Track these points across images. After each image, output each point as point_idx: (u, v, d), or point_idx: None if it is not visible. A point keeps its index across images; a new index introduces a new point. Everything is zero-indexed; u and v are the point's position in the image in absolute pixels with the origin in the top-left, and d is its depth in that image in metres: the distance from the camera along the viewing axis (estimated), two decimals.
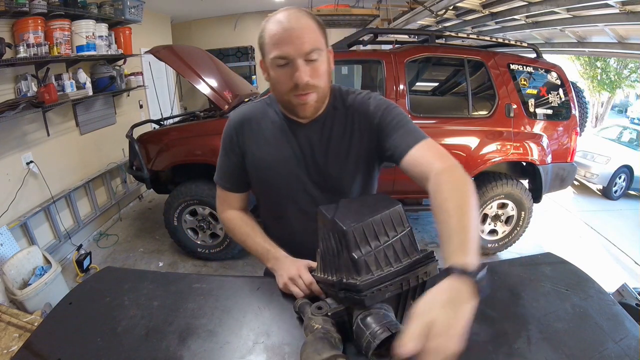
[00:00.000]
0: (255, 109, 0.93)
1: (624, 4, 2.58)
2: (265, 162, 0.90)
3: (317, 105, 0.84)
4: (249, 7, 6.42)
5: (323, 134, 0.88)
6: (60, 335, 0.72)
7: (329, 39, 0.84)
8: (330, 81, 0.85)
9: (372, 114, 0.86)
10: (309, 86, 0.78)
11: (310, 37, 0.76)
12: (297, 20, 0.76)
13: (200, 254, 3.07)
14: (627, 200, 5.26)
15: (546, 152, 2.92)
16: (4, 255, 2.36)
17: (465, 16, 4.26)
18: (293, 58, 0.75)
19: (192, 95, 6.71)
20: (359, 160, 0.89)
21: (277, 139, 0.89)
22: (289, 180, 0.90)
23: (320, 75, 0.79)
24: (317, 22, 0.79)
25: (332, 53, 0.85)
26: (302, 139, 0.88)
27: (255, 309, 0.78)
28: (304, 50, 0.75)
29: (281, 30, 0.75)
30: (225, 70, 3.57)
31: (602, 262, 3.35)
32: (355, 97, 0.90)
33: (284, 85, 0.79)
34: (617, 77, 9.77)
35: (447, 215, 0.61)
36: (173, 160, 2.90)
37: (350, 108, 0.89)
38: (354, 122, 0.88)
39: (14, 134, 2.66)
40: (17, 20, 2.55)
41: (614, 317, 0.72)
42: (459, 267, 0.52)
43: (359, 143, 0.88)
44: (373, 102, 0.88)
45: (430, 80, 3.52)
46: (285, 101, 0.83)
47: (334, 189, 0.90)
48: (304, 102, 0.80)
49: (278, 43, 0.75)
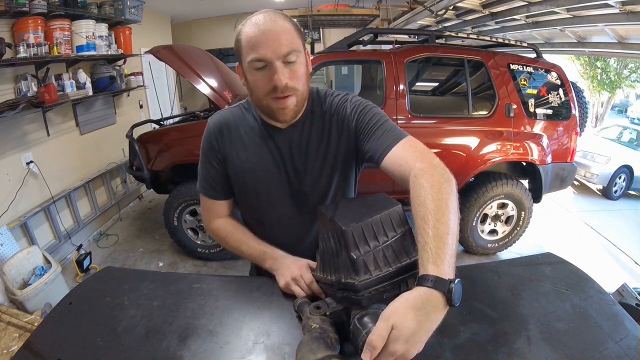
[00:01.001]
0: (233, 114, 0.92)
1: (624, 4, 2.58)
2: (245, 167, 0.89)
3: (297, 109, 0.82)
4: (249, 7, 6.40)
5: (302, 138, 0.87)
6: (60, 335, 0.72)
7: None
8: (309, 84, 0.84)
9: (349, 117, 0.85)
10: (288, 89, 0.76)
11: (288, 39, 0.75)
12: (274, 22, 0.75)
13: (200, 254, 3.07)
14: (627, 200, 5.26)
15: (546, 152, 2.92)
16: (4, 255, 2.36)
17: (465, 16, 4.26)
18: (271, 60, 0.74)
19: (192, 95, 6.71)
20: (336, 164, 0.88)
21: (255, 145, 0.88)
22: (269, 185, 0.89)
23: (299, 77, 0.78)
24: (294, 25, 0.78)
25: (309, 55, 0.84)
26: (281, 144, 0.87)
27: (255, 309, 0.78)
28: (281, 52, 0.74)
29: (258, 32, 0.74)
30: (225, 70, 3.57)
31: (602, 262, 3.36)
32: (333, 99, 0.89)
33: (262, 89, 0.78)
34: (617, 77, 9.76)
35: (423, 222, 0.59)
36: (173, 160, 2.90)
37: (327, 111, 0.88)
38: (332, 125, 0.87)
39: (14, 134, 2.66)
40: (17, 20, 2.55)
41: (614, 317, 0.72)
42: (432, 277, 0.52)
43: (336, 146, 0.88)
44: (349, 104, 0.87)
45: (430, 80, 3.52)
46: (264, 106, 0.81)
47: (313, 192, 0.90)
48: (284, 106, 0.79)
49: (255, 46, 0.74)
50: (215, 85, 3.01)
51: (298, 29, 0.78)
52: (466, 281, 0.83)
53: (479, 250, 3.15)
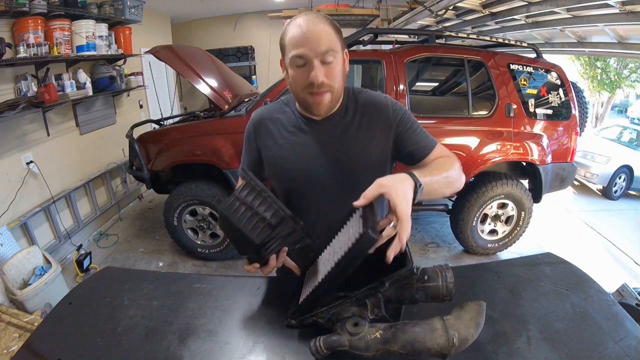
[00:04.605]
0: (274, 108, 1.01)
1: (624, 4, 2.58)
2: (280, 157, 0.96)
3: (331, 105, 0.89)
4: (249, 7, 6.42)
5: (336, 131, 0.93)
6: (60, 335, 0.72)
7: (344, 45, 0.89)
8: (345, 82, 0.90)
9: (391, 115, 0.93)
10: (324, 85, 0.83)
11: (327, 40, 0.81)
12: (315, 24, 0.81)
13: (200, 254, 3.07)
14: (627, 200, 5.26)
15: (546, 152, 2.92)
16: (4, 255, 2.36)
17: (465, 16, 4.26)
18: (310, 58, 0.81)
19: (192, 95, 6.71)
20: (371, 156, 0.93)
21: (292, 135, 0.95)
22: (303, 175, 0.94)
23: (335, 76, 0.85)
24: (334, 26, 0.85)
25: (348, 55, 0.90)
26: (317, 135, 0.94)
27: (255, 309, 0.78)
28: (320, 51, 0.80)
29: (300, 32, 0.81)
30: (225, 70, 3.56)
31: (602, 262, 3.35)
32: (369, 96, 0.97)
33: (300, 84, 0.85)
34: (617, 77, 9.76)
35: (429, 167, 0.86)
36: (173, 160, 2.90)
37: (363, 106, 0.95)
38: (370, 119, 0.94)
39: (14, 134, 2.66)
40: (17, 20, 2.55)
41: (614, 317, 0.72)
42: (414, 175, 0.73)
43: (372, 139, 0.93)
44: (390, 103, 0.95)
45: (430, 80, 3.52)
46: (302, 99, 0.89)
47: (347, 183, 0.93)
48: (319, 101, 0.86)
49: (296, 44, 0.81)
50: (215, 85, 3.00)
51: (337, 31, 0.85)
52: (466, 281, 0.84)
53: (479, 250, 3.15)
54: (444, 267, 0.67)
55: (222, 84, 3.11)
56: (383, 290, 0.65)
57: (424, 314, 0.65)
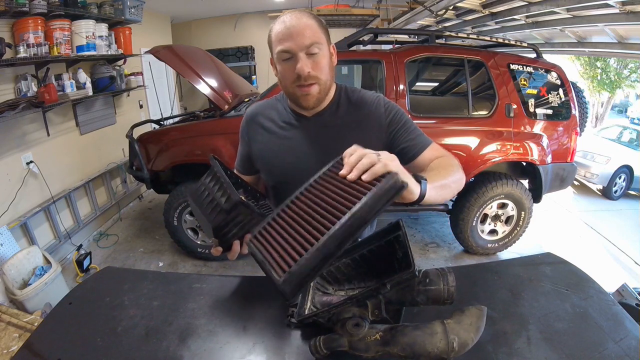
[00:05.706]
0: (267, 104, 1.03)
1: (624, 4, 2.58)
2: (269, 151, 0.98)
3: (320, 97, 0.90)
4: (249, 7, 6.42)
5: (327, 127, 0.95)
6: (60, 335, 0.72)
7: (329, 39, 0.90)
8: (332, 75, 0.92)
9: (384, 114, 0.95)
10: (310, 77, 0.85)
11: (310, 33, 0.83)
12: (298, 19, 0.84)
13: (200, 254, 3.07)
14: (627, 200, 5.26)
15: (546, 152, 2.92)
16: (4, 255, 2.36)
17: (465, 16, 4.26)
18: (295, 52, 0.83)
19: (192, 95, 6.71)
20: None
21: (282, 130, 0.97)
22: (291, 169, 0.95)
23: (322, 68, 0.86)
24: (318, 21, 0.87)
25: (335, 49, 0.91)
26: (307, 131, 0.95)
27: (255, 309, 0.78)
28: (304, 44, 0.82)
29: (284, 28, 0.83)
30: (225, 70, 3.56)
31: (602, 262, 3.35)
32: (362, 94, 0.98)
33: (288, 77, 0.87)
34: (617, 77, 9.77)
35: (435, 169, 0.83)
36: (173, 160, 2.90)
37: (356, 104, 0.96)
38: (361, 117, 0.95)
39: (14, 134, 2.66)
40: (17, 20, 2.55)
41: (614, 317, 0.72)
42: (420, 177, 0.70)
43: (363, 137, 0.92)
44: (383, 102, 0.96)
45: (430, 80, 3.52)
46: (291, 93, 0.90)
47: None
48: (307, 93, 0.87)
49: (282, 39, 0.83)
50: (215, 85, 3.00)
51: (322, 25, 0.88)
52: (466, 281, 0.84)
53: (479, 250, 3.15)
54: (446, 270, 0.66)
55: (222, 84, 3.11)
56: (384, 292, 0.65)
57: (425, 316, 0.66)
